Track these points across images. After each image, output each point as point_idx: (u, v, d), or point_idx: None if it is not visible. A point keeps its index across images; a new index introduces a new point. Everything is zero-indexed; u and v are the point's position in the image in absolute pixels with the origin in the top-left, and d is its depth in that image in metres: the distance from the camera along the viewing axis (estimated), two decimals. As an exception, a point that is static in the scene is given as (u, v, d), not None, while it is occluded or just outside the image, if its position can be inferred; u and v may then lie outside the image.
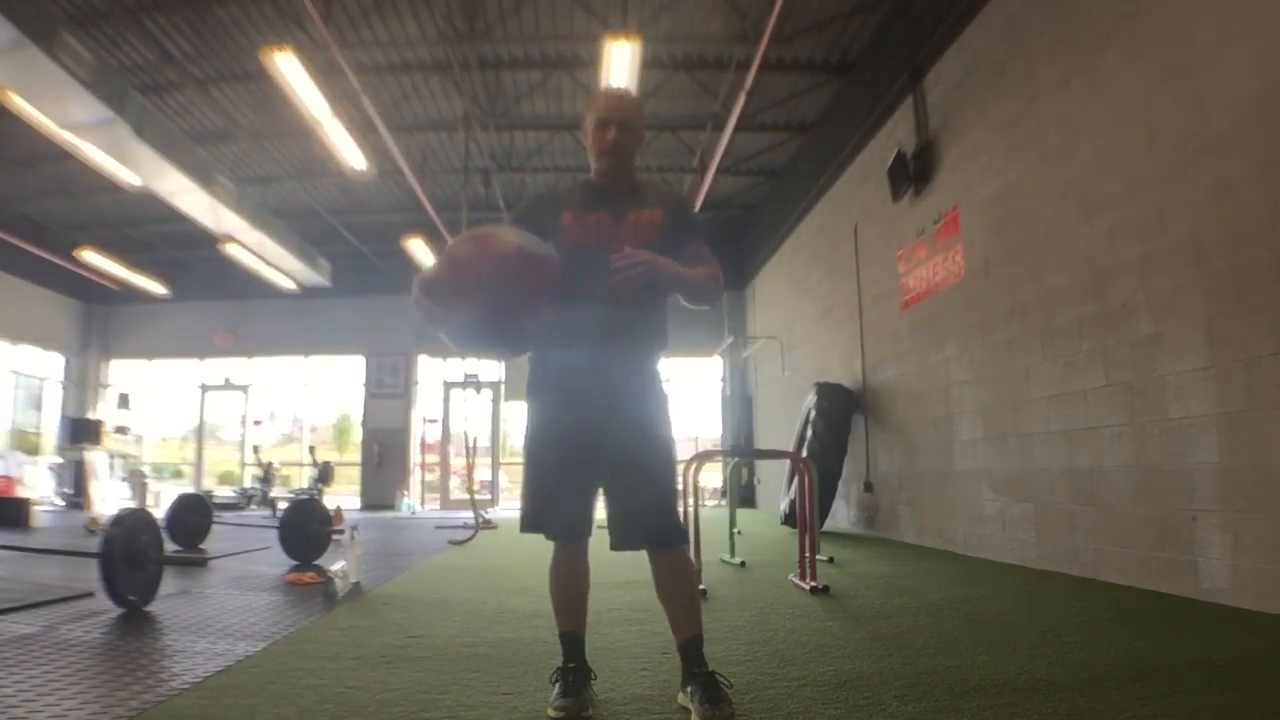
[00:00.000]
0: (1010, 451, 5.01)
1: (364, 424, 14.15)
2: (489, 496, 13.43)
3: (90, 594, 3.42)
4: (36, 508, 8.62)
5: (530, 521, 2.06)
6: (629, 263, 1.91)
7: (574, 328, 2.01)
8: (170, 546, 4.55)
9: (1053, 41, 4.59)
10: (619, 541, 2.00)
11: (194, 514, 6.00)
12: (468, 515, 8.12)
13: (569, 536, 2.07)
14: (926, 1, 6.21)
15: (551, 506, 2.03)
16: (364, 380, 14.10)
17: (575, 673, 1.99)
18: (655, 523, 1.98)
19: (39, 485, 11.69)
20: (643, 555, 2.03)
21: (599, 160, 2.12)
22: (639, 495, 1.98)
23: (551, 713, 1.87)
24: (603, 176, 2.14)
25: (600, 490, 2.05)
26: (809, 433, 7.60)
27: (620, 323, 2.01)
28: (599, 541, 2.06)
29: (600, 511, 2.07)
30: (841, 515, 7.80)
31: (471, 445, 8.90)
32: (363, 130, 8.06)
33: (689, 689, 1.90)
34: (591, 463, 2.00)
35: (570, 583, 2.10)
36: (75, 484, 11.89)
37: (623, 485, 1.99)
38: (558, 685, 1.95)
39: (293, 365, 14.61)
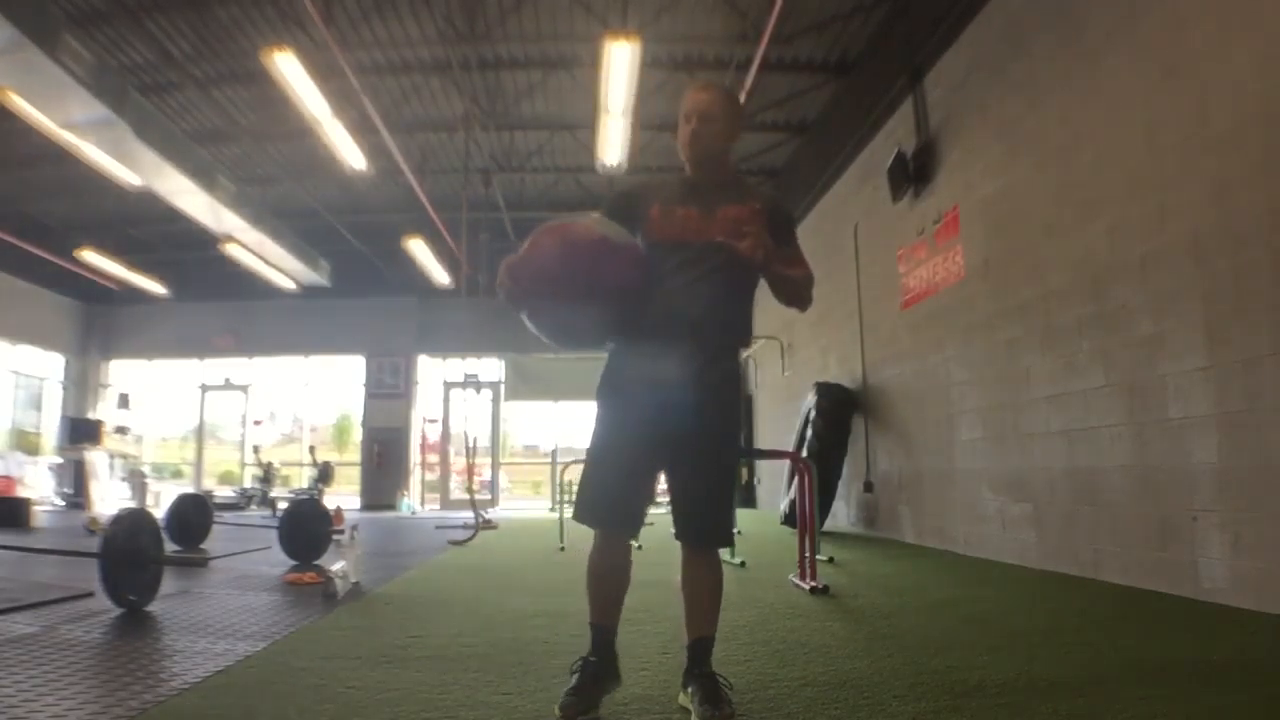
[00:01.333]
0: (1010, 451, 5.00)
1: (364, 424, 14.15)
2: (489, 496, 13.43)
3: (90, 594, 3.41)
4: (36, 508, 8.62)
5: (584, 508, 2.02)
6: (756, 237, 1.93)
7: (661, 320, 2.00)
8: (170, 546, 4.56)
9: (1053, 41, 4.59)
10: (678, 534, 2.01)
11: (194, 514, 6.00)
12: (468, 515, 8.12)
13: (621, 527, 2.01)
14: (926, 1, 6.21)
15: (608, 493, 1.99)
16: (364, 380, 14.10)
17: (596, 667, 1.96)
18: (708, 523, 2.00)
19: (39, 485, 11.69)
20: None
21: (684, 154, 2.12)
22: (700, 492, 1.99)
23: (557, 711, 1.85)
24: (692, 169, 2.14)
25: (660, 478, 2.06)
26: (809, 433, 7.59)
27: (706, 317, 2.02)
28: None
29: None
30: (841, 515, 7.79)
31: (471, 445, 8.90)
32: (363, 130, 8.05)
33: (690, 689, 1.90)
34: (659, 453, 1.99)
35: (611, 575, 2.04)
36: (75, 484, 11.89)
37: (684, 480, 2.00)
38: (575, 676, 1.94)
39: (293, 365, 14.61)
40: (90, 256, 11.73)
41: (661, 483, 2.10)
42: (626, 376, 2.04)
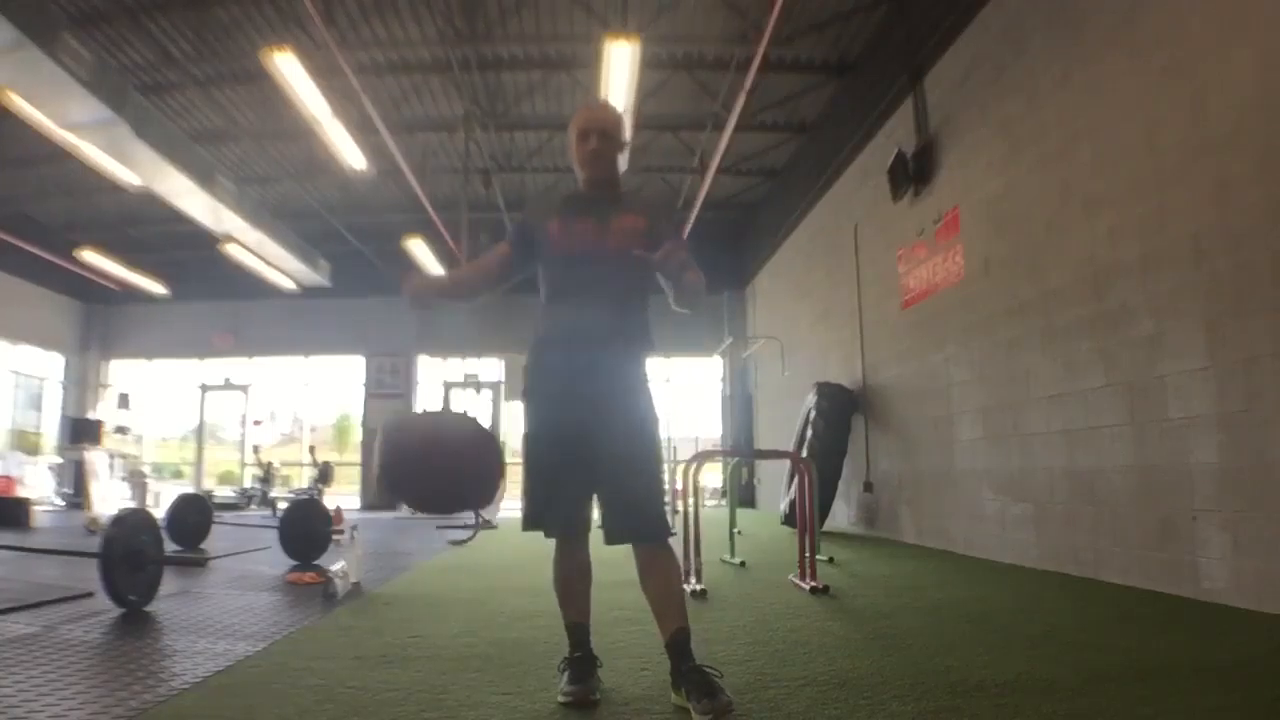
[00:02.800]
0: (1010, 451, 5.00)
1: (364, 424, 14.14)
2: (489, 497, 13.40)
3: (90, 594, 3.41)
4: (36, 508, 8.62)
5: (531, 520, 2.14)
6: (674, 247, 2.03)
7: (566, 331, 2.12)
8: (170, 546, 4.55)
9: (1053, 41, 4.59)
10: (613, 537, 2.07)
11: (194, 514, 6.00)
12: (468, 515, 8.11)
13: (568, 534, 2.14)
14: (926, 1, 6.21)
15: (550, 506, 2.11)
16: (364, 380, 14.09)
17: (582, 661, 2.07)
18: (646, 518, 2.05)
19: (39, 485, 11.68)
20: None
21: (583, 169, 2.21)
22: (631, 493, 2.05)
23: (561, 699, 1.96)
24: (587, 185, 2.23)
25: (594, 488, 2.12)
26: (809, 433, 7.59)
27: (610, 326, 2.11)
28: (598, 536, 2.09)
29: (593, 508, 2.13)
30: (841, 515, 7.79)
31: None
32: (363, 130, 8.05)
33: (683, 689, 1.90)
34: (588, 462, 2.06)
35: (572, 578, 2.17)
36: (75, 484, 11.88)
37: (615, 483, 2.06)
38: (566, 673, 2.04)
39: (292, 365, 14.60)
40: (90, 256, 11.73)
41: None
42: (547, 386, 2.14)
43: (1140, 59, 3.85)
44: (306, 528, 5.17)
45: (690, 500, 4.02)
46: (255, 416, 14.68)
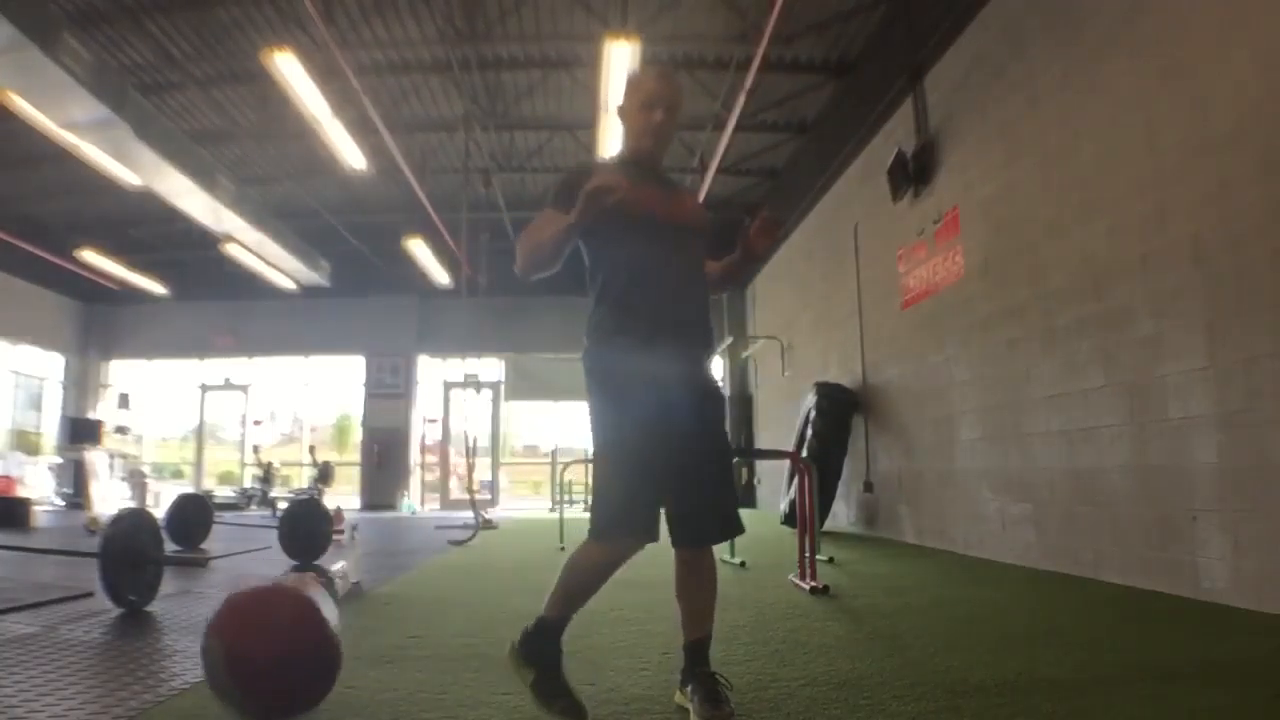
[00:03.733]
0: (1010, 451, 5.00)
1: (364, 424, 14.14)
2: (489, 497, 13.43)
3: (90, 594, 3.41)
4: (36, 508, 8.61)
5: (620, 523, 1.89)
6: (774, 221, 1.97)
7: (654, 314, 1.94)
8: (170, 546, 4.55)
9: (1053, 42, 4.58)
10: (704, 537, 1.99)
11: (194, 514, 6.00)
12: (468, 515, 8.12)
13: (651, 538, 1.90)
14: (926, 1, 6.21)
15: (643, 506, 1.89)
16: (364, 380, 14.09)
17: (556, 658, 1.94)
18: (727, 519, 1.99)
19: (39, 485, 11.68)
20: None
21: (642, 139, 2.05)
22: (720, 490, 1.99)
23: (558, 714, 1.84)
24: (641, 156, 2.08)
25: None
26: (809, 433, 7.59)
27: (698, 310, 2.03)
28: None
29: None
30: (841, 515, 7.79)
31: (471, 445, 8.90)
32: (363, 130, 8.05)
33: (690, 688, 1.89)
34: (678, 462, 1.91)
35: (608, 578, 1.96)
36: (75, 484, 11.89)
37: (703, 478, 1.95)
38: (555, 701, 1.87)
39: (293, 365, 14.60)
40: (90, 256, 11.73)
41: None
42: (629, 375, 1.93)
43: (1140, 59, 3.85)
44: (306, 528, 5.17)
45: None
46: (255, 416, 14.68)
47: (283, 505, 8.74)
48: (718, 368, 13.85)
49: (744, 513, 2.06)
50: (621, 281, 1.95)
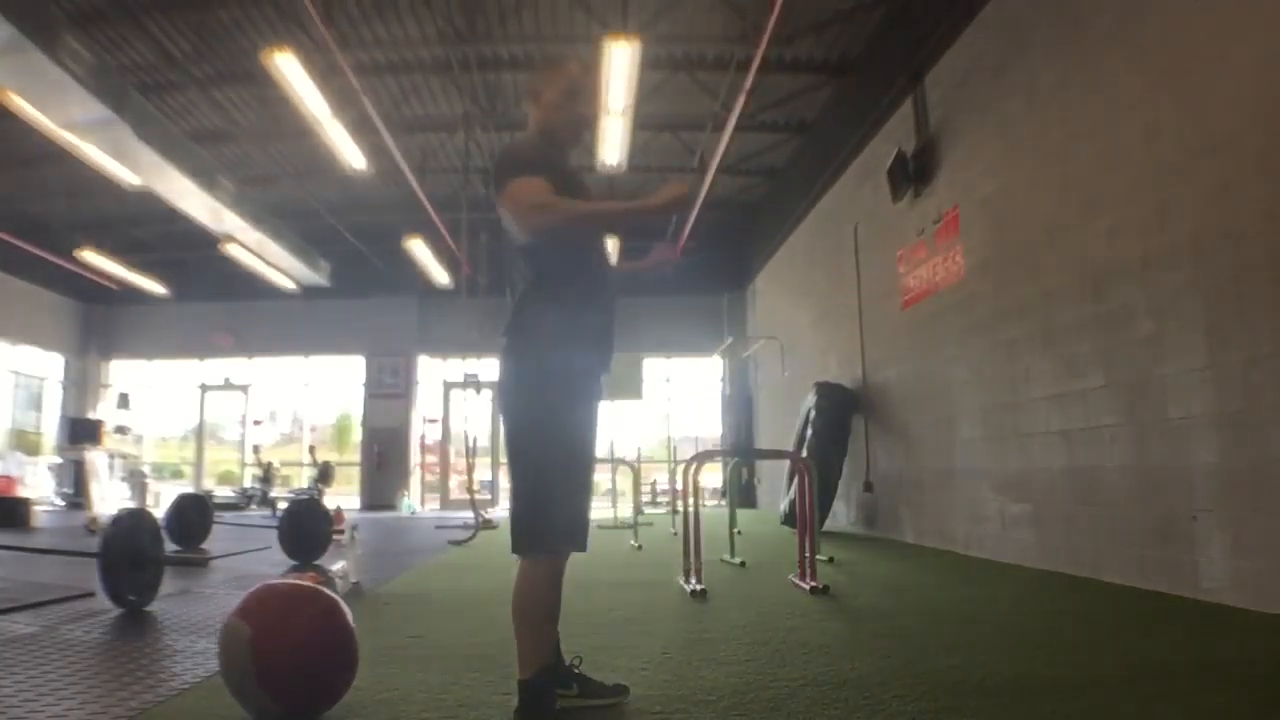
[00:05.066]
0: (1010, 451, 5.00)
1: (364, 424, 14.14)
2: (489, 496, 13.43)
3: (90, 594, 3.41)
4: (36, 508, 8.61)
5: (573, 537, 1.86)
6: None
7: (605, 318, 1.93)
8: (170, 546, 4.55)
9: (1053, 42, 4.58)
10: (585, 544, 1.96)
11: (194, 514, 6.00)
12: (468, 515, 8.12)
13: (585, 547, 1.93)
14: (926, 1, 6.21)
15: (588, 515, 1.92)
16: (364, 380, 14.09)
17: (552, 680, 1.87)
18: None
19: (39, 485, 11.69)
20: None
21: (568, 133, 2.00)
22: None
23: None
24: (567, 151, 2.04)
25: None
26: (809, 433, 7.59)
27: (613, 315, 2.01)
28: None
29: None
30: (841, 515, 7.79)
31: (471, 445, 8.90)
32: (363, 130, 8.05)
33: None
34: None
35: (558, 601, 1.91)
36: (75, 484, 11.89)
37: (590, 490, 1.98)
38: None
39: (293, 365, 14.60)
40: (90, 256, 11.73)
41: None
42: (588, 381, 1.89)
43: (1140, 59, 3.85)
44: (306, 528, 5.17)
45: (690, 500, 4.03)
46: (255, 416, 14.68)
47: (283, 505, 8.73)
48: (718, 368, 13.87)
49: (744, 513, 2.06)
50: (585, 281, 1.91)
